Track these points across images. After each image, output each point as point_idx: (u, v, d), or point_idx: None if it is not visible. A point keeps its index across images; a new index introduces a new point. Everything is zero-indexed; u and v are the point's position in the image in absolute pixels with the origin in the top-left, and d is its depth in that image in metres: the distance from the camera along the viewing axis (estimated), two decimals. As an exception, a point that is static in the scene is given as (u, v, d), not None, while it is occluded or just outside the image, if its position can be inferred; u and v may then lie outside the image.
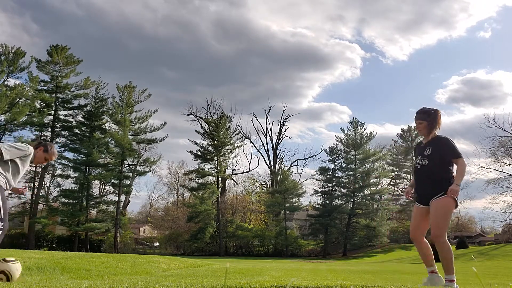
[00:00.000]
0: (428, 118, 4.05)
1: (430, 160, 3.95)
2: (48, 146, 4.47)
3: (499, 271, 11.68)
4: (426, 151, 4.01)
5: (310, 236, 49.45)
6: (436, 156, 3.94)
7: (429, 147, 4.02)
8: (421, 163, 4.02)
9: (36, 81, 37.02)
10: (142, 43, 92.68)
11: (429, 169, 3.95)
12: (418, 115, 4.12)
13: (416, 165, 4.10)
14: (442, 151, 3.95)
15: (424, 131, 4.11)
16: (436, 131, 4.09)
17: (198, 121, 50.93)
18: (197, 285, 4.04)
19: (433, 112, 4.09)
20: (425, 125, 4.06)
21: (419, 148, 4.19)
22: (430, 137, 4.08)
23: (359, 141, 46.23)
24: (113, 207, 41.11)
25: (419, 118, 4.10)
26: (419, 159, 4.06)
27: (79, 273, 6.02)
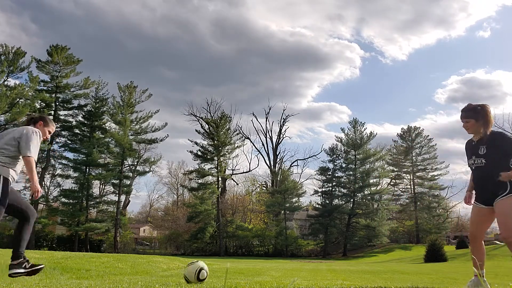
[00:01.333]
0: (476, 116, 3.84)
1: (487, 159, 3.76)
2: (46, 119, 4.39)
3: (499, 271, 11.67)
4: (481, 150, 3.80)
5: (310, 236, 49.45)
6: (493, 154, 3.74)
7: (483, 146, 3.80)
8: (476, 163, 3.84)
9: (36, 81, 37.00)
10: (141, 43, 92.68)
11: (487, 168, 3.75)
12: (464, 113, 3.92)
13: (471, 166, 3.91)
14: (499, 148, 3.73)
15: (472, 129, 3.89)
16: (488, 128, 3.83)
17: (198, 121, 50.98)
18: (197, 285, 4.03)
19: (479, 108, 3.88)
20: (472, 123, 3.86)
21: (471, 147, 3.95)
22: (482, 134, 3.85)
23: (359, 141, 46.23)
24: (113, 207, 41.11)
25: (465, 117, 3.90)
26: (473, 159, 3.86)
27: (79, 273, 6.02)
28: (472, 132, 3.94)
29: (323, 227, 45.20)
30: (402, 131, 55.88)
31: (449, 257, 25.97)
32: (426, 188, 53.15)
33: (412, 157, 54.08)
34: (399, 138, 56.05)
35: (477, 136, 3.90)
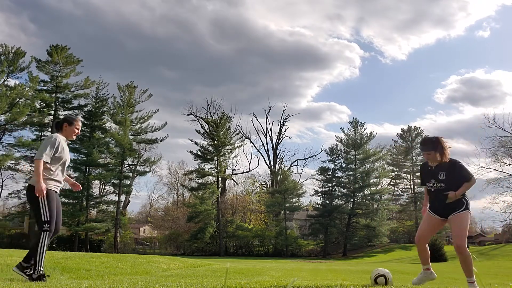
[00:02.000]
0: (434, 147, 4.40)
1: (446, 183, 4.35)
2: (69, 119, 4.79)
3: (499, 271, 11.68)
4: (441, 175, 4.39)
5: (310, 236, 49.45)
6: (451, 179, 4.34)
7: (442, 172, 4.39)
8: (436, 186, 4.42)
9: (36, 81, 37.01)
10: (141, 43, 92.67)
11: (446, 191, 4.33)
12: (423, 146, 4.51)
13: (430, 188, 4.48)
14: (457, 175, 4.35)
15: (432, 159, 4.45)
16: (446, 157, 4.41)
17: (198, 121, 50.98)
18: (197, 285, 4.04)
19: (434, 140, 4.46)
20: (432, 154, 4.41)
21: (428, 171, 4.52)
22: (440, 162, 4.42)
23: (359, 141, 46.23)
24: (113, 207, 41.11)
25: (425, 150, 4.47)
26: (433, 183, 4.43)
27: (79, 273, 6.02)
28: (431, 161, 4.49)
29: (323, 227, 45.20)
30: (402, 131, 55.90)
31: (449, 257, 25.99)
32: (426, 188, 53.12)
33: (412, 157, 54.06)
34: (399, 138, 56.06)
35: (434, 163, 4.46)
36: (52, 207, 4.34)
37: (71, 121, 4.73)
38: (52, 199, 4.38)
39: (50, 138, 4.49)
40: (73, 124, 4.72)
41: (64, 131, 4.69)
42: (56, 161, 4.48)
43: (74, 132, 4.74)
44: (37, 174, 4.27)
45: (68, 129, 4.70)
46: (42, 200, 4.27)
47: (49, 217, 4.31)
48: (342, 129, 48.41)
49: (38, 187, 4.22)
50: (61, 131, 4.69)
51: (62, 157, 4.52)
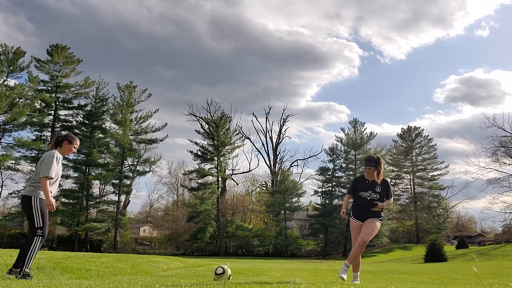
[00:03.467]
0: (375, 165, 5.35)
1: (380, 196, 5.34)
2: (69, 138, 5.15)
3: (499, 271, 11.68)
4: (377, 188, 5.36)
5: (310, 236, 49.42)
6: (383, 193, 5.37)
7: (379, 186, 5.38)
8: (371, 196, 5.34)
9: (36, 81, 36.97)
10: (138, 42, 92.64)
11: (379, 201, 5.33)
12: (368, 162, 5.42)
13: (366, 197, 5.35)
14: (387, 192, 5.42)
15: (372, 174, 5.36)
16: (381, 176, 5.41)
17: (198, 121, 50.97)
18: (197, 285, 4.04)
19: (377, 159, 5.43)
20: (373, 170, 5.34)
21: (367, 184, 5.41)
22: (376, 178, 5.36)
23: (359, 141, 46.20)
24: (113, 207, 41.10)
25: (369, 166, 5.37)
26: (369, 193, 5.35)
27: (79, 273, 6.02)
28: (370, 176, 5.39)
29: (323, 227, 45.18)
30: (402, 131, 55.88)
31: (449, 257, 25.98)
32: (426, 188, 53.14)
33: (412, 157, 54.06)
34: (399, 138, 56.04)
35: (372, 178, 5.39)
36: (45, 215, 4.74)
37: (71, 140, 5.10)
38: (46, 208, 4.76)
39: (52, 156, 4.84)
40: (72, 143, 5.09)
41: (62, 147, 5.03)
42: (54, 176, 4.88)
43: (71, 150, 5.12)
44: (45, 190, 4.71)
45: (66, 146, 5.06)
46: (36, 208, 4.69)
47: (42, 223, 4.69)
48: (342, 129, 48.48)
49: (49, 202, 4.69)
50: (59, 147, 5.02)
51: (58, 173, 4.92)
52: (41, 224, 4.69)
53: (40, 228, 4.68)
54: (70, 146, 5.07)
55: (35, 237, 4.66)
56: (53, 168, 4.75)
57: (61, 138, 5.11)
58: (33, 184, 4.82)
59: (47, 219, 4.78)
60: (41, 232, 4.69)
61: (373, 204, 5.34)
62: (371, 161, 5.41)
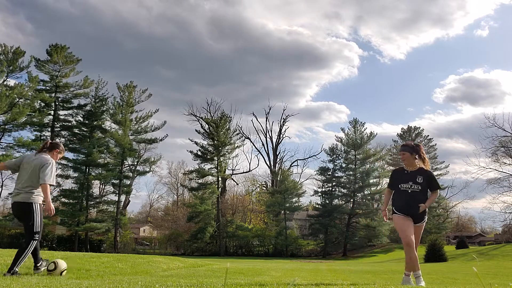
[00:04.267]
0: (410, 151, 4.88)
1: (422, 187, 4.82)
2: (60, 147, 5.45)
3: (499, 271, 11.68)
4: (418, 179, 4.83)
5: (310, 236, 49.43)
6: (425, 185, 4.83)
7: (420, 176, 4.84)
8: (413, 188, 4.83)
9: (36, 81, 36.95)
10: (138, 42, 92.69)
11: (419, 194, 4.81)
12: (402, 146, 4.96)
13: (407, 189, 4.84)
14: (430, 183, 4.86)
15: (407, 161, 4.92)
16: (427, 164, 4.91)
17: (198, 121, 50.99)
18: (197, 285, 4.04)
19: (414, 146, 4.93)
20: (407, 156, 4.89)
21: (404, 174, 4.92)
22: (417, 167, 4.88)
23: (359, 141, 46.20)
24: (113, 207, 41.10)
25: (403, 150, 4.92)
26: (410, 185, 4.84)
27: (79, 273, 6.02)
28: (406, 163, 4.94)
29: (323, 227, 45.18)
30: (402, 131, 55.89)
31: (449, 257, 25.99)
32: (426, 188, 53.14)
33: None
34: (399, 138, 56.03)
35: (411, 168, 4.92)
36: (41, 221, 4.99)
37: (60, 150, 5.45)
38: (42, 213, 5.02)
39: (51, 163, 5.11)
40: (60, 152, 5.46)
41: (53, 153, 5.33)
42: None
43: (58, 158, 5.45)
44: (47, 196, 4.94)
45: (56, 155, 5.37)
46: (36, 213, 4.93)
47: (39, 228, 4.94)
48: (342, 129, 48.52)
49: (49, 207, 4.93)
50: (50, 152, 5.31)
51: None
52: (39, 229, 4.92)
53: (38, 232, 4.90)
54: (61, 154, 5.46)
55: (32, 240, 4.87)
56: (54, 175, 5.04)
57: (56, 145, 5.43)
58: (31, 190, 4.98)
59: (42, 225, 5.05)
60: (37, 237, 4.92)
61: (416, 197, 4.78)
62: (406, 146, 4.96)
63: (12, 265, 4.89)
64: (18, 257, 4.89)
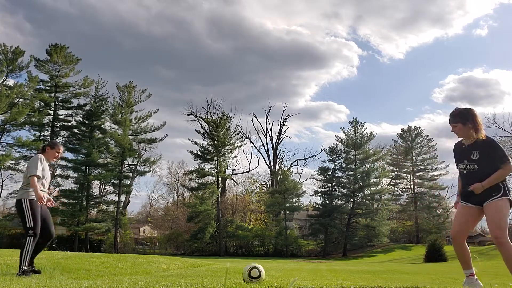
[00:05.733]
0: (463, 120, 3.90)
1: (480, 164, 3.81)
2: (51, 144, 5.53)
3: (499, 271, 11.67)
4: (474, 155, 3.85)
5: (310, 236, 49.45)
6: (485, 160, 3.80)
7: (475, 151, 3.85)
8: (469, 168, 3.88)
9: (35, 81, 36.95)
10: (137, 42, 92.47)
11: (479, 174, 3.80)
12: (452, 117, 4.02)
13: (462, 170, 3.95)
14: (491, 155, 3.79)
15: (461, 133, 3.96)
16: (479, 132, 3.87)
17: (198, 121, 50.99)
18: (197, 285, 4.03)
19: (465, 112, 3.96)
20: (460, 127, 3.93)
21: (462, 150, 3.99)
22: (473, 139, 3.90)
23: (359, 141, 46.22)
24: (113, 207, 41.11)
25: (453, 121, 3.99)
26: (465, 164, 3.90)
27: (79, 273, 6.02)
28: (462, 136, 3.97)
29: (323, 227, 45.20)
30: (402, 131, 55.90)
31: (449, 257, 25.99)
32: (426, 188, 53.19)
33: (412, 157, 54.08)
34: (399, 138, 56.06)
35: (468, 140, 3.93)
36: (36, 214, 4.98)
37: (53, 146, 5.49)
38: (37, 207, 5.03)
39: (36, 157, 5.22)
40: (54, 148, 5.46)
41: (46, 153, 5.41)
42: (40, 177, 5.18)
43: (55, 155, 5.48)
44: (34, 186, 5.00)
45: (50, 152, 5.43)
46: (26, 209, 4.96)
47: (33, 223, 4.93)
48: (342, 129, 48.54)
49: (39, 195, 4.97)
50: (44, 153, 5.40)
51: (44, 174, 5.23)
52: (32, 224, 4.90)
53: (32, 228, 4.89)
54: (53, 151, 5.43)
55: (27, 236, 4.90)
56: (38, 167, 5.08)
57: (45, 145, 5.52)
58: (23, 187, 5.12)
59: (38, 220, 4.99)
60: (32, 232, 4.89)
61: (473, 181, 3.80)
62: (455, 116, 3.98)
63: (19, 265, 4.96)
64: (20, 256, 4.93)
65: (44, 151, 5.43)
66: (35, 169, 5.06)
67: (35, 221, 4.94)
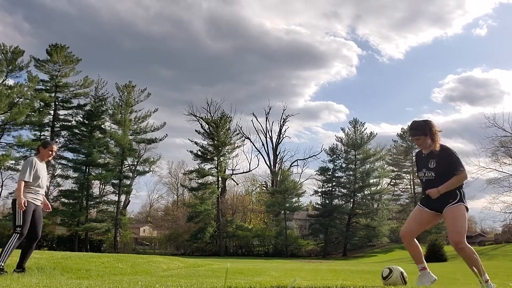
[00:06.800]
0: (423, 132, 4.08)
1: (436, 172, 4.02)
2: (44, 143, 5.54)
3: (499, 271, 11.67)
4: (431, 163, 4.06)
5: (310, 236, 49.45)
6: (441, 168, 4.00)
7: (432, 160, 4.06)
8: (427, 176, 4.08)
9: (35, 81, 36.95)
10: (136, 42, 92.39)
11: (437, 182, 3.99)
12: (412, 131, 4.17)
13: (421, 178, 4.16)
14: (446, 164, 3.99)
15: (423, 145, 4.13)
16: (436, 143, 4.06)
17: (198, 121, 50.99)
18: (197, 285, 4.04)
19: (424, 124, 4.13)
20: (423, 139, 4.08)
21: (421, 158, 4.20)
22: (430, 148, 4.09)
23: (359, 141, 46.23)
24: (113, 207, 41.11)
25: (414, 135, 4.14)
26: (424, 172, 4.11)
27: (79, 273, 6.02)
28: (422, 147, 4.16)
29: (323, 227, 45.21)
30: (402, 131, 55.89)
31: (449, 257, 26.00)
32: (426, 188, 53.18)
33: (412, 157, 54.02)
34: (399, 138, 56.05)
35: (426, 150, 4.13)
36: (26, 215, 5.06)
37: (46, 145, 5.50)
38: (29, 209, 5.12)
39: (27, 161, 5.27)
40: (47, 147, 5.47)
41: (40, 153, 5.45)
42: (34, 178, 5.23)
43: (49, 155, 5.49)
44: (18, 191, 5.09)
45: (43, 151, 5.45)
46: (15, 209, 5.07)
47: (22, 222, 5.03)
48: (342, 129, 48.56)
49: (19, 201, 5.03)
50: (38, 153, 5.46)
51: (38, 176, 5.27)
52: (21, 223, 5.00)
53: (20, 226, 4.99)
54: (46, 150, 5.44)
55: (13, 233, 5.02)
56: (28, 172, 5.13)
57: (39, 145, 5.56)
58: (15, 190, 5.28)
59: (28, 221, 5.09)
60: (19, 230, 5.00)
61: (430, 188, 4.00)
62: (415, 129, 4.11)
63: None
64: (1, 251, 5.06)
65: (38, 152, 5.49)
66: (24, 174, 5.13)
67: (25, 221, 5.02)
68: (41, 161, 5.44)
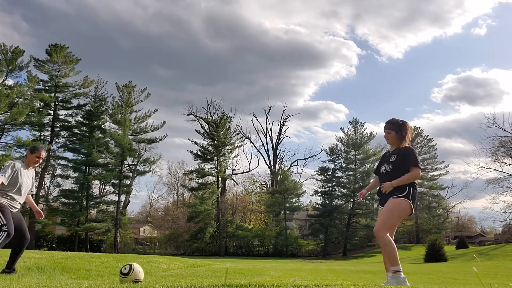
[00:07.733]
0: (396, 129, 4.22)
1: (394, 166, 4.15)
2: (32, 148, 5.24)
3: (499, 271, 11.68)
4: (392, 158, 4.20)
5: (310, 236, 49.46)
6: (399, 162, 4.13)
7: (394, 154, 4.20)
8: (385, 169, 4.22)
9: (35, 81, 36.94)
10: (134, 41, 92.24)
11: (392, 174, 4.12)
12: (388, 124, 4.29)
13: (382, 172, 4.28)
14: (405, 158, 4.12)
15: (391, 140, 4.26)
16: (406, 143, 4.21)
17: (198, 121, 51.00)
18: (197, 285, 4.03)
19: (402, 123, 4.26)
20: (393, 135, 4.23)
21: (385, 157, 4.38)
22: (396, 146, 4.25)
23: (359, 141, 46.25)
24: (113, 207, 41.11)
25: (388, 128, 4.27)
26: (385, 166, 4.25)
27: (79, 273, 6.02)
28: (390, 143, 4.31)
29: (323, 227, 45.21)
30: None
31: (449, 257, 26.00)
32: (426, 188, 53.14)
33: (412, 157, 54.05)
34: (399, 138, 55.98)
35: (392, 147, 4.30)
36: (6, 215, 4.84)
37: (33, 150, 5.18)
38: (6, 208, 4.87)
39: (10, 163, 4.97)
40: (34, 152, 5.15)
41: (26, 157, 5.15)
42: (12, 184, 4.91)
43: (35, 160, 5.16)
44: None
45: (29, 156, 5.15)
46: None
47: (5, 221, 4.80)
48: (342, 129, 48.59)
49: None
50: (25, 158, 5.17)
51: (17, 182, 4.94)
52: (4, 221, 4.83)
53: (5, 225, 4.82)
54: (33, 156, 5.14)
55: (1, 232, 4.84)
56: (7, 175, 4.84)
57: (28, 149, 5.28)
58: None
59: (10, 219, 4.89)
60: (6, 228, 4.84)
61: (386, 180, 4.13)
62: (391, 123, 4.27)
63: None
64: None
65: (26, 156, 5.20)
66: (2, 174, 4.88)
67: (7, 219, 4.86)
68: (26, 167, 5.12)
